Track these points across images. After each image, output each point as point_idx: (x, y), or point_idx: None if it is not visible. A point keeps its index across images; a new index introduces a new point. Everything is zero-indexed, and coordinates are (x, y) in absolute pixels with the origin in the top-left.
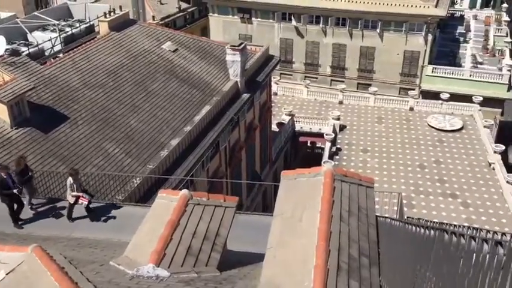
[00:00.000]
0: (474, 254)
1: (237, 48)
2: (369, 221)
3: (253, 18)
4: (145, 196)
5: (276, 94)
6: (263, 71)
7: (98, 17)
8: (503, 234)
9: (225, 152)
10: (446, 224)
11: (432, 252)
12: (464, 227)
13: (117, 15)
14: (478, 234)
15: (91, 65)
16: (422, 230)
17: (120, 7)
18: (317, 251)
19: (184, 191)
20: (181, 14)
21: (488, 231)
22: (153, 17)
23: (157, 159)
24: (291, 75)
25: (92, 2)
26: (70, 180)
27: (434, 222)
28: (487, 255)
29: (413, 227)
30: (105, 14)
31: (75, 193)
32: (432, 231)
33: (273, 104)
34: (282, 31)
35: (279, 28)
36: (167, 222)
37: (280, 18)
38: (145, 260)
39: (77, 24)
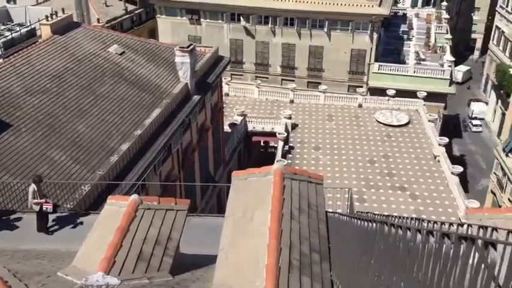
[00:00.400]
0: (410, 243)
1: (186, 49)
2: (319, 217)
3: (202, 19)
4: (95, 203)
5: (227, 95)
6: (213, 72)
7: (39, 20)
8: (440, 223)
9: (178, 154)
10: (394, 216)
11: (375, 244)
12: (411, 218)
13: (59, 18)
14: (416, 225)
15: (33, 70)
16: (366, 223)
17: (63, 10)
18: (268, 250)
19: (134, 196)
20: (128, 16)
21: (429, 221)
22: (98, 19)
23: (107, 165)
24: (242, 75)
25: (33, 5)
26: (33, 187)
27: (380, 215)
28: (420, 244)
29: (359, 221)
30: (47, 17)
31: (36, 200)
32: (375, 224)
33: (224, 105)
34: (231, 32)
35: (228, 29)
36: (116, 228)
37: (229, 19)
38: (95, 269)
39: (17, 28)
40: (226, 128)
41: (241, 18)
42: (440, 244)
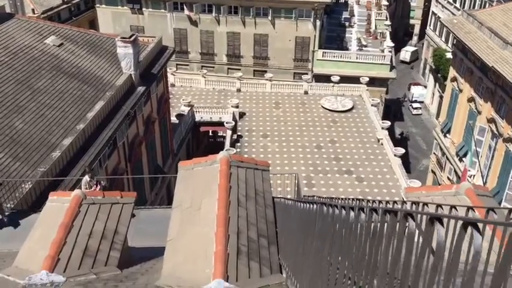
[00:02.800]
0: (345, 221)
1: (128, 40)
2: (266, 203)
3: (144, 9)
4: (38, 201)
5: (173, 85)
6: (158, 63)
7: None
8: (371, 201)
9: (124, 147)
10: (337, 198)
11: (315, 224)
12: (352, 199)
13: None
14: (350, 204)
15: None
16: (307, 206)
17: None
18: (216, 238)
19: (77, 191)
20: (65, 6)
21: (361, 200)
22: (33, 10)
23: (48, 161)
24: (188, 65)
25: None
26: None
27: (324, 197)
28: (353, 220)
29: (302, 204)
30: None
31: None
32: (314, 205)
33: (171, 96)
34: (175, 21)
35: (171, 18)
36: (60, 225)
37: (172, 8)
38: (38, 267)
39: None
40: (174, 119)
41: (185, 7)
42: (370, 219)
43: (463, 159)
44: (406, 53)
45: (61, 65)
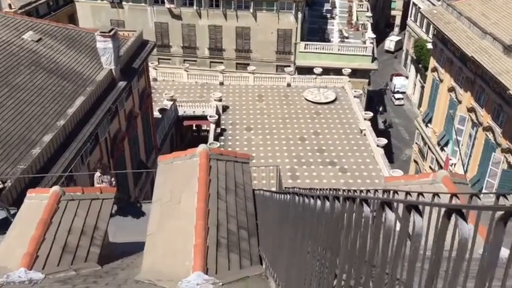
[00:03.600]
0: (314, 209)
1: (107, 34)
2: (246, 195)
3: (124, 3)
4: (19, 199)
5: (155, 80)
6: (139, 57)
7: None
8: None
9: (106, 143)
10: (319, 189)
11: (289, 214)
12: (332, 189)
13: None
14: (321, 193)
15: None
16: (282, 196)
17: None
18: (195, 231)
19: (55, 188)
20: (43, 0)
21: (333, 189)
22: (10, 5)
23: (29, 158)
24: (170, 59)
25: None
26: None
27: (303, 188)
28: (321, 209)
29: (278, 195)
30: None
31: None
32: (289, 196)
33: (153, 90)
34: (155, 15)
35: (152, 12)
36: (38, 222)
37: (153, 2)
38: (16, 265)
39: None
40: (156, 114)
41: (165, 0)
42: (332, 206)
43: (444, 148)
44: (390, 43)
45: (40, 61)
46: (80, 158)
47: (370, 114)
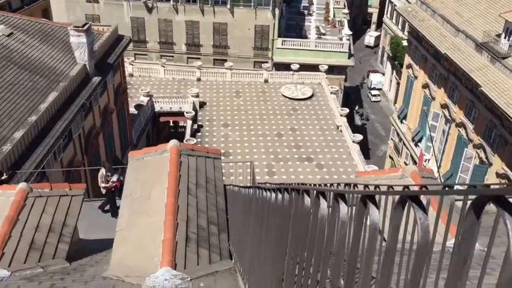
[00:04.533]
0: (272, 202)
1: (81, 29)
2: (217, 190)
3: None
4: None
5: (131, 75)
6: (114, 52)
7: None
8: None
9: (80, 139)
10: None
11: (252, 207)
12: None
13: None
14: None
15: None
16: (248, 190)
17: None
18: (165, 226)
19: (22, 185)
20: None
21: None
22: None
23: None
24: (146, 55)
25: None
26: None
27: (271, 183)
28: (279, 202)
29: (244, 190)
30: None
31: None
32: (251, 190)
33: (129, 86)
34: (131, 10)
35: (128, 6)
36: (4, 219)
37: None
38: None
39: None
40: (132, 110)
41: None
42: (286, 198)
43: (419, 144)
44: (370, 38)
45: (11, 56)
46: (52, 154)
47: (347, 110)
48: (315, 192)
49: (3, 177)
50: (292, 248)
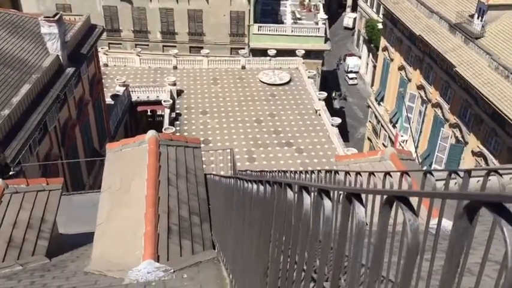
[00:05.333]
0: (250, 193)
1: (52, 19)
2: (198, 180)
3: None
4: None
5: (106, 65)
6: (87, 42)
7: None
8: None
9: (56, 132)
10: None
11: (233, 197)
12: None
13: None
14: (258, 176)
15: None
16: (228, 180)
17: None
18: (146, 218)
19: None
20: None
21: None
22: None
23: None
24: (121, 44)
25: None
26: None
27: (255, 171)
28: (255, 192)
29: (226, 180)
30: None
31: None
32: (232, 180)
33: (104, 76)
34: None
35: None
36: None
37: None
38: None
39: None
40: (109, 100)
41: None
42: (268, 191)
43: (396, 125)
44: (349, 20)
45: None
46: (28, 148)
47: (325, 94)
48: (297, 186)
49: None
50: (276, 241)
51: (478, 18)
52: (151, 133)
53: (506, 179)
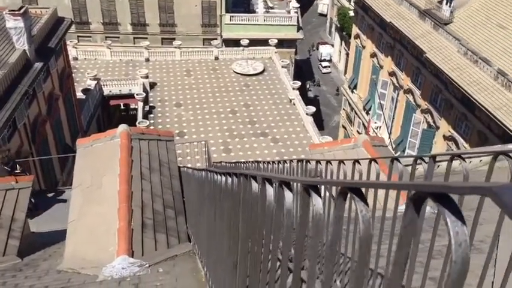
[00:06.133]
0: (219, 185)
1: (17, 12)
2: (172, 173)
3: None
4: None
5: (76, 59)
6: (55, 36)
7: None
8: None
9: (25, 129)
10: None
11: (205, 190)
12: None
13: None
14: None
15: None
16: (200, 173)
17: None
18: (119, 214)
19: None
20: None
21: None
22: None
23: None
24: (90, 37)
25: None
26: None
27: (230, 162)
28: (223, 184)
29: (199, 172)
30: None
31: None
32: (204, 172)
33: (75, 70)
34: None
35: None
36: None
37: None
38: None
39: None
40: (80, 95)
41: None
42: (235, 183)
43: (370, 112)
44: (323, 6)
45: None
46: None
47: (298, 83)
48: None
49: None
50: (243, 233)
51: (446, 4)
52: (123, 127)
53: (476, 162)
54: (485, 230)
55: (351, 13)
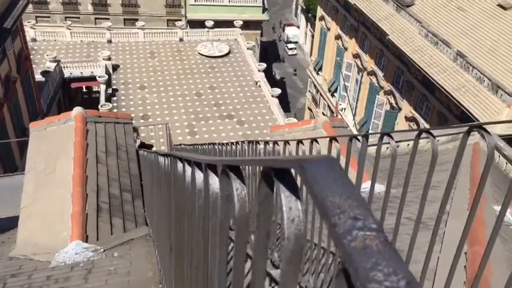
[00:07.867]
0: (164, 167)
1: None
2: (129, 156)
3: None
4: None
5: (34, 40)
6: (10, 16)
7: None
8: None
9: None
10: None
11: (153, 172)
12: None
13: None
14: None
15: None
16: (150, 156)
17: None
18: (73, 198)
19: None
20: None
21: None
22: None
23: None
24: (49, 17)
25: None
26: None
27: (188, 145)
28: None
29: (150, 155)
30: None
31: None
32: (152, 155)
33: (33, 52)
34: None
35: None
36: None
37: None
38: None
39: None
40: (39, 77)
41: None
42: (167, 164)
43: (335, 94)
44: None
45: None
46: None
47: (264, 65)
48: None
49: None
50: (175, 216)
51: None
52: (77, 110)
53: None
54: (435, 207)
55: None
